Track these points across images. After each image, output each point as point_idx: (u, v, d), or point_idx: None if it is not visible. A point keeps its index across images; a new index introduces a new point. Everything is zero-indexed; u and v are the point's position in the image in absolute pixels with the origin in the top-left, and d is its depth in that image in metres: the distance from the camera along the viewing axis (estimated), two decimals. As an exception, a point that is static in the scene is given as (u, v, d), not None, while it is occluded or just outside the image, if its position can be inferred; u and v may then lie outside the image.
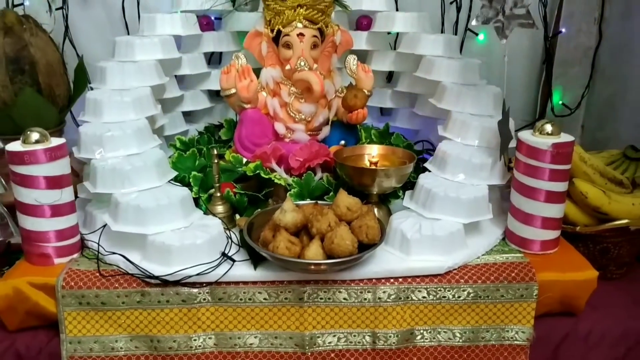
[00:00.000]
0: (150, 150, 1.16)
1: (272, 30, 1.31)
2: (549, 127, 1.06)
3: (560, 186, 1.06)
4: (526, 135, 1.07)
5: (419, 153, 1.36)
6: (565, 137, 1.06)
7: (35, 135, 1.02)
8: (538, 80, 1.75)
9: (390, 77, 1.61)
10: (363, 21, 1.53)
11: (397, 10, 1.56)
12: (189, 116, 1.55)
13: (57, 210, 1.04)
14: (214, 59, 1.62)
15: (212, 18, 1.52)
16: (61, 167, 1.03)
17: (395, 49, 1.54)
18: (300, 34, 1.29)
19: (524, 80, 1.74)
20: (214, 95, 1.59)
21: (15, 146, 1.01)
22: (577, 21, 1.68)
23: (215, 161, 1.14)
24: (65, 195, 1.04)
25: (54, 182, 1.02)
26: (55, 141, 1.04)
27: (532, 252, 1.09)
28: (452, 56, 1.37)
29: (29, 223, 1.03)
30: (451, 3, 1.62)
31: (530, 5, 1.08)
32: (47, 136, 1.03)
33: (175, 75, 1.46)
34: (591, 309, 1.09)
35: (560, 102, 1.75)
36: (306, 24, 1.29)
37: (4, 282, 1.00)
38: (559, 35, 1.68)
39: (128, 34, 1.57)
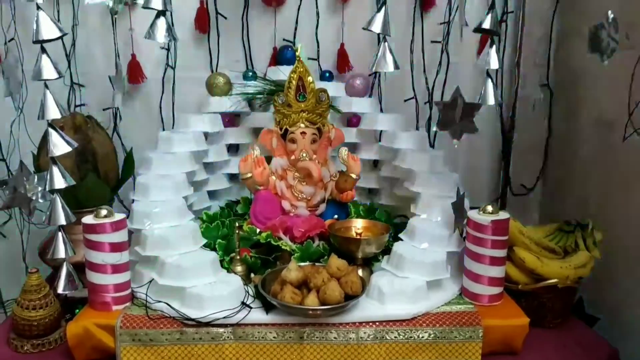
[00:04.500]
0: (187, 223, 1.50)
1: (280, 129, 1.67)
2: (489, 208, 1.40)
3: (500, 253, 1.39)
4: (473, 214, 1.41)
5: (397, 226, 1.69)
6: (502, 215, 1.40)
7: (104, 212, 1.36)
8: (499, 166, 2.11)
9: (375, 163, 1.96)
10: (353, 119, 1.89)
11: (381, 110, 1.94)
12: (211, 194, 1.89)
13: (117, 269, 1.36)
14: (232, 148, 1.98)
15: (233, 115, 1.90)
16: (122, 235, 1.37)
17: (379, 141, 1.90)
18: (303, 132, 1.65)
19: (488, 165, 2.10)
20: (232, 177, 1.93)
21: (89, 219, 1.35)
22: (529, 117, 2.04)
23: (237, 231, 1.47)
24: (123, 257, 1.37)
25: (116, 247, 1.35)
26: (118, 216, 1.38)
27: (481, 304, 1.40)
28: (422, 149, 1.73)
29: (95, 278, 1.36)
30: (425, 103, 2.00)
31: (475, 115, 1.43)
32: (112, 212, 1.37)
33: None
34: (530, 350, 1.38)
35: (520, 184, 2.11)
36: (307, 125, 1.65)
37: (76, 323, 1.31)
38: (514, 130, 2.05)
39: (163, 128, 1.94)
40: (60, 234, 1.38)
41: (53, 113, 1.30)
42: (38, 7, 1.24)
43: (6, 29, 1.83)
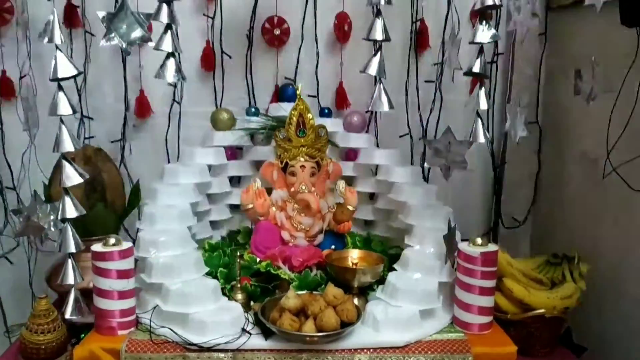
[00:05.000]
0: (190, 251, 1.57)
1: (281, 162, 1.76)
2: (479, 240, 1.47)
3: (489, 283, 1.46)
4: (464, 246, 1.48)
5: (392, 256, 1.76)
6: (491, 247, 1.47)
7: (112, 240, 1.43)
8: (491, 199, 2.19)
9: (372, 196, 2.02)
10: (350, 154, 1.97)
11: (377, 145, 2.02)
12: (213, 223, 1.96)
13: (123, 295, 1.42)
14: (233, 179, 2.05)
15: (235, 148, 1.98)
16: (129, 263, 1.43)
17: (375, 175, 1.97)
18: (302, 166, 1.73)
19: (480, 199, 2.18)
20: (233, 208, 2.00)
21: (98, 247, 1.42)
22: (519, 153, 2.13)
23: (238, 260, 1.54)
24: (129, 283, 1.44)
25: (123, 274, 1.42)
26: (125, 244, 1.45)
27: (471, 333, 1.46)
28: (416, 183, 1.81)
29: (102, 303, 1.42)
30: (419, 139, 2.09)
31: (464, 153, 1.51)
32: (120, 241, 1.44)
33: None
34: (518, 378, 1.44)
35: (511, 217, 2.18)
36: (307, 159, 1.74)
37: (82, 347, 1.37)
38: (506, 164, 2.14)
39: (169, 160, 2.02)
40: (70, 261, 1.45)
41: (68, 146, 1.37)
42: (57, 48, 1.34)
43: (21, 65, 1.92)
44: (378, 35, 1.41)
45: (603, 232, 1.72)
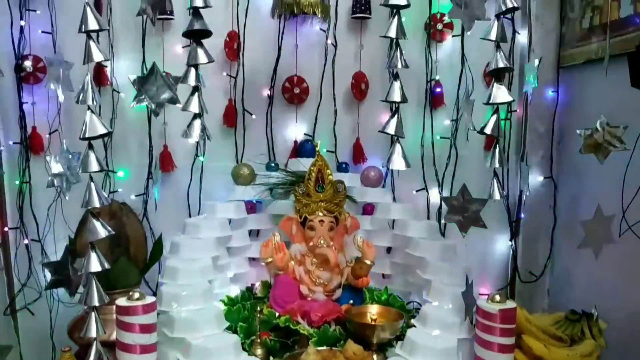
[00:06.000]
0: (211, 306, 1.59)
1: (300, 217, 1.80)
2: (497, 297, 1.48)
3: (508, 340, 1.45)
4: (482, 303, 1.49)
5: (410, 312, 1.77)
6: (509, 304, 1.47)
7: (136, 295, 1.46)
8: (508, 254, 2.20)
9: (389, 250, 2.06)
10: (367, 208, 2.02)
11: (394, 200, 2.06)
12: (232, 276, 1.99)
13: (145, 349, 1.44)
14: (252, 232, 2.09)
15: (254, 202, 2.03)
16: (152, 317, 1.46)
17: (392, 228, 2.01)
18: (321, 220, 1.77)
19: (498, 253, 2.19)
20: (252, 260, 2.03)
21: (122, 302, 1.45)
22: (535, 208, 2.16)
23: (258, 315, 1.56)
24: (152, 338, 1.46)
25: (146, 328, 1.44)
26: (149, 299, 1.47)
27: (491, 391, 1.46)
28: (433, 238, 1.84)
29: (125, 358, 1.43)
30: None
31: (481, 210, 1.54)
32: (144, 295, 1.47)
33: (225, 246, 1.93)
34: None
35: (528, 271, 2.18)
36: (325, 213, 1.78)
37: (104, 402, 1.39)
38: (521, 219, 2.16)
39: (190, 214, 2.07)
40: (93, 314, 1.47)
41: (96, 202, 1.42)
42: (89, 108, 1.40)
43: (51, 121, 2.00)
44: (396, 97, 1.48)
45: (620, 288, 1.72)
